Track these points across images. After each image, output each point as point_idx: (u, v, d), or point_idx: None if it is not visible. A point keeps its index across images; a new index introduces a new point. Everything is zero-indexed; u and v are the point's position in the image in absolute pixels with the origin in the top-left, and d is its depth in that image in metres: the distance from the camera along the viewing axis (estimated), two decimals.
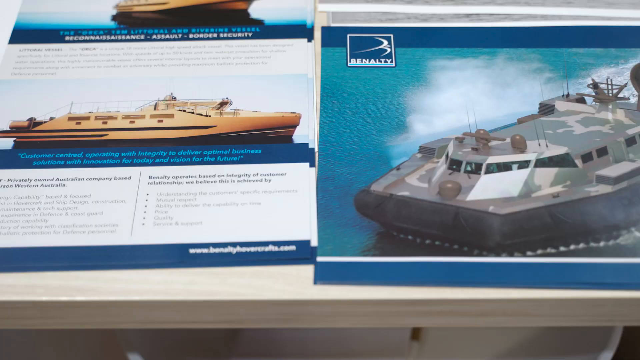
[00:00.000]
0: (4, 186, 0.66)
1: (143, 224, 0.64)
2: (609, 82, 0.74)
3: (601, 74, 0.75)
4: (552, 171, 0.67)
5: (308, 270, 0.62)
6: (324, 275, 0.61)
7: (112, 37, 0.80)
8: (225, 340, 0.96)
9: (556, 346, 0.94)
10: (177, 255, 0.62)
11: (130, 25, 0.81)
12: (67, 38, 0.80)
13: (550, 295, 0.60)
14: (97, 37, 0.80)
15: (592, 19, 0.80)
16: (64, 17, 0.82)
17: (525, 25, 0.79)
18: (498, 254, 0.62)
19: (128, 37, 0.80)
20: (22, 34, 0.80)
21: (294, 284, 0.61)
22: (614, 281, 0.60)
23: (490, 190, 0.65)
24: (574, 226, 0.63)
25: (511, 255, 0.61)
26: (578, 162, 0.67)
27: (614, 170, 0.67)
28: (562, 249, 0.62)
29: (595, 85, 0.74)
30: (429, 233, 0.63)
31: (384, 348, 0.95)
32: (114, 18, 0.82)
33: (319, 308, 0.61)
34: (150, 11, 0.83)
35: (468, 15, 0.81)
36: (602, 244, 0.62)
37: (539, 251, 0.62)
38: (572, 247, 0.62)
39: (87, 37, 0.80)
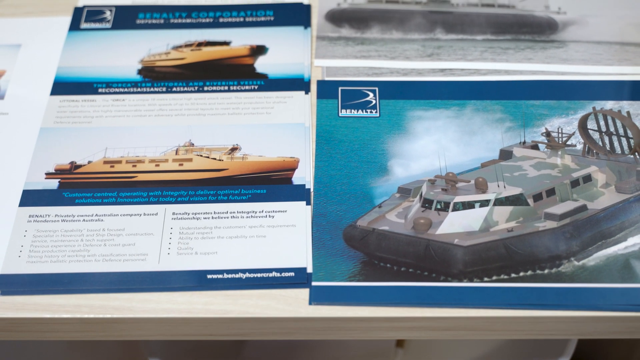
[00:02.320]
0: (52, 221, 0.78)
1: (168, 253, 0.76)
2: (560, 131, 0.86)
3: (553, 124, 0.87)
4: (508, 209, 0.79)
5: (304, 292, 0.73)
6: (318, 297, 0.73)
7: (138, 90, 0.91)
8: (234, 346, 1.07)
9: (521, 352, 1.06)
10: (197, 280, 0.74)
11: (153, 78, 0.92)
12: (100, 90, 0.91)
13: (502, 314, 0.72)
14: (126, 90, 0.91)
15: (548, 74, 0.92)
16: (97, 70, 0.93)
17: (491, 80, 0.91)
18: (460, 280, 0.74)
19: (152, 89, 0.91)
20: (62, 87, 0.91)
21: (292, 304, 0.73)
22: (554, 303, 0.72)
23: (456, 225, 0.77)
24: (524, 256, 0.75)
25: (471, 280, 0.74)
26: (530, 201, 0.79)
27: (559, 209, 0.79)
28: (513, 275, 0.74)
29: (547, 134, 0.86)
30: (405, 262, 0.75)
31: (372, 354, 1.06)
32: (139, 72, 0.93)
33: (313, 324, 0.73)
34: (170, 66, 0.94)
35: (442, 70, 0.93)
36: (546, 271, 0.74)
37: (494, 277, 0.74)
38: (521, 274, 0.74)
39: (117, 89, 0.91)
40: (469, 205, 0.78)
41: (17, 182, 0.82)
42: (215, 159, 0.84)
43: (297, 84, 0.91)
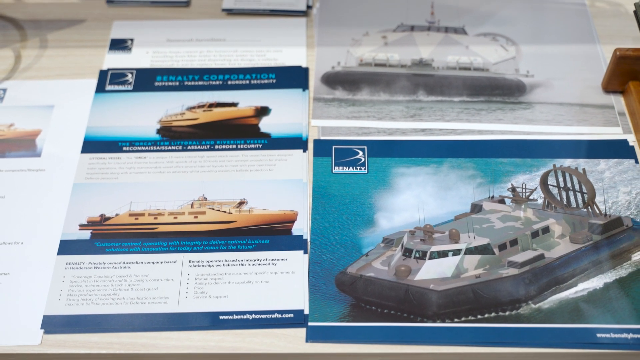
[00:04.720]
0: (86, 268, 0.91)
1: (186, 297, 0.88)
2: (524, 187, 0.99)
3: (518, 180, 1.00)
4: (476, 257, 0.91)
5: (302, 331, 0.86)
6: (313, 335, 0.85)
7: (158, 148, 1.03)
8: None
9: None
10: (211, 320, 0.86)
11: (170, 137, 1.04)
12: (124, 148, 1.02)
13: (469, 350, 0.84)
14: (147, 148, 1.03)
15: (516, 134, 1.04)
16: (121, 130, 1.05)
17: (465, 139, 1.04)
18: (434, 320, 0.86)
19: (169, 147, 1.03)
20: (91, 145, 1.03)
21: (292, 341, 0.85)
22: (514, 340, 0.84)
23: (432, 272, 0.90)
24: (489, 300, 0.87)
25: (443, 321, 0.86)
26: (496, 250, 0.92)
27: (520, 257, 0.91)
28: (479, 316, 0.86)
29: (513, 189, 0.99)
30: (387, 305, 0.87)
31: None
32: (158, 131, 1.05)
33: (310, 359, 0.85)
34: (185, 125, 1.06)
35: (423, 130, 1.06)
36: (507, 313, 0.86)
37: (463, 318, 0.86)
38: (486, 315, 0.86)
39: (139, 148, 1.02)
40: (444, 254, 0.91)
41: (55, 233, 0.94)
42: (225, 211, 0.96)
43: (297, 142, 1.04)
